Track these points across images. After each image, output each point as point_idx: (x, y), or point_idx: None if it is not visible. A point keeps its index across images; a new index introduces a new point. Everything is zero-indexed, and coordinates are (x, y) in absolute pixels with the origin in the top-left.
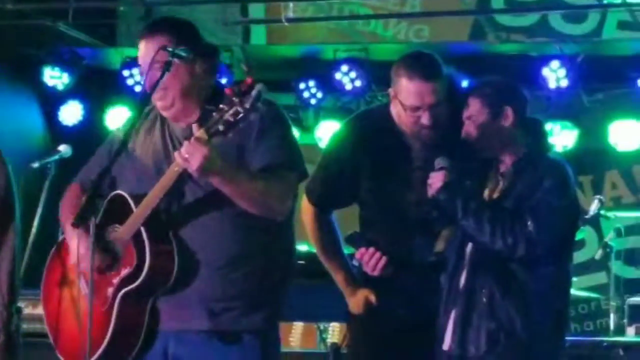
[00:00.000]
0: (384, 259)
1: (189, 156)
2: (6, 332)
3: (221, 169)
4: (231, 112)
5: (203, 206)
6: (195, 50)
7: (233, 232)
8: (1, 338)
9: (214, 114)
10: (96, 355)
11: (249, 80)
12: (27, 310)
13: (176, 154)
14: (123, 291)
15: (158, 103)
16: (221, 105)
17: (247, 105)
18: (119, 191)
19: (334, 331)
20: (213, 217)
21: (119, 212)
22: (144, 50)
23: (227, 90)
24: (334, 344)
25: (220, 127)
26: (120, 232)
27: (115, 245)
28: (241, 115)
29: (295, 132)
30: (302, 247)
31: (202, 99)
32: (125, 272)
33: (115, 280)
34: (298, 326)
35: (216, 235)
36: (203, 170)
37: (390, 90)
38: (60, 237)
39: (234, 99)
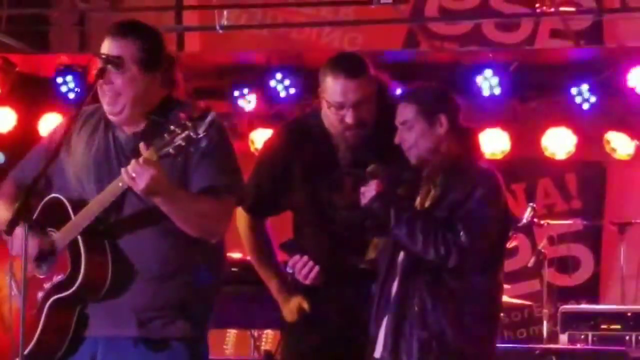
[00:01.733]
0: (316, 269)
1: (137, 176)
2: None
3: (165, 190)
4: (183, 136)
5: (140, 219)
6: (158, 61)
7: (167, 247)
8: None
9: (165, 134)
10: (21, 357)
11: (202, 105)
12: None
13: (123, 171)
14: (53, 298)
15: (107, 107)
16: (172, 127)
17: (200, 132)
18: (57, 195)
19: (268, 338)
20: (149, 230)
21: (55, 215)
22: (110, 48)
23: (181, 115)
24: (267, 351)
25: (171, 151)
26: (56, 238)
27: (52, 244)
28: (193, 140)
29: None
30: (235, 255)
31: (150, 109)
32: (57, 278)
33: (47, 285)
34: (232, 333)
35: (151, 248)
36: (148, 191)
37: (320, 91)
38: None
39: (187, 123)
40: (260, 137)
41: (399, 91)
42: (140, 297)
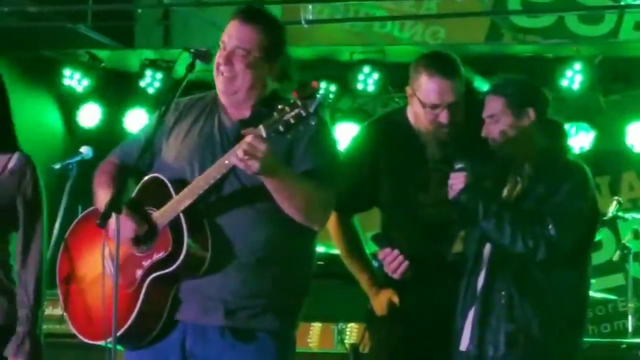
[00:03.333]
0: (405, 263)
1: (249, 156)
2: (32, 337)
3: (275, 168)
4: (293, 113)
5: (240, 201)
6: (279, 53)
7: (266, 232)
8: (27, 345)
9: (274, 113)
10: (117, 336)
11: (314, 83)
12: (47, 311)
13: (234, 152)
14: (154, 275)
15: (221, 87)
16: (281, 106)
17: (311, 110)
18: (157, 175)
19: (352, 331)
20: (248, 213)
21: (154, 195)
22: (238, 32)
23: (293, 92)
24: (353, 344)
25: (281, 128)
26: (156, 216)
27: (152, 223)
28: (303, 118)
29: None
30: (319, 248)
31: (259, 99)
32: (157, 256)
33: (146, 263)
34: (316, 326)
35: (249, 232)
36: (260, 169)
37: (408, 89)
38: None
39: (297, 101)
40: (342, 131)
41: (480, 84)
42: (231, 283)
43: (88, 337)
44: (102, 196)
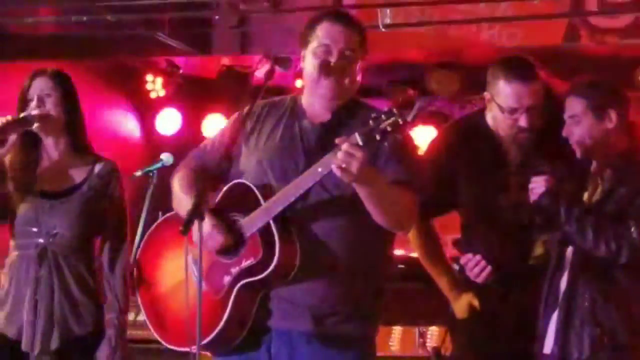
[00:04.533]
0: (488, 269)
1: (347, 165)
2: (122, 341)
3: (370, 176)
4: (390, 122)
5: (325, 209)
6: (366, 54)
7: (351, 240)
8: (118, 349)
9: (370, 121)
10: (204, 342)
11: (411, 92)
12: (130, 317)
13: (327, 160)
14: (243, 282)
15: (326, 90)
16: (374, 115)
17: (409, 118)
18: (242, 181)
19: (433, 335)
20: (333, 221)
21: (239, 201)
22: (336, 33)
23: (391, 102)
24: (435, 348)
25: (377, 136)
26: (243, 223)
27: (238, 230)
28: (400, 126)
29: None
30: (399, 252)
31: (342, 103)
32: (247, 263)
33: (234, 270)
34: (397, 330)
35: (335, 240)
36: (358, 178)
37: (486, 94)
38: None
39: (393, 109)
40: (419, 134)
41: (558, 87)
42: (318, 289)
43: (172, 343)
44: (183, 203)
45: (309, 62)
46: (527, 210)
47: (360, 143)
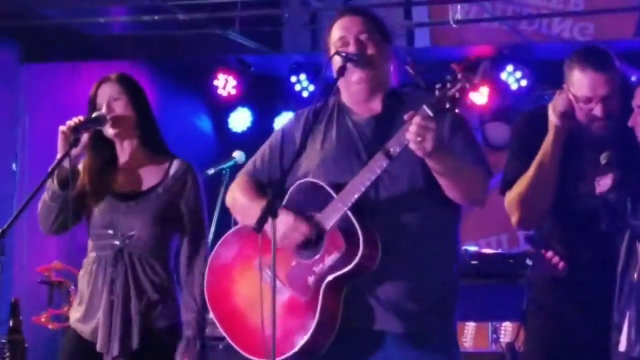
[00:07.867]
0: (561, 264)
1: (422, 138)
2: (201, 340)
3: (443, 147)
4: (457, 87)
5: (395, 199)
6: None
7: (426, 230)
8: (197, 347)
9: (436, 91)
10: (295, 350)
11: (474, 55)
12: None
13: (406, 137)
14: (330, 278)
15: (361, 74)
16: (439, 85)
17: (476, 79)
18: (310, 179)
19: (506, 330)
20: (404, 210)
21: (309, 199)
22: (348, 23)
23: (453, 66)
24: (509, 343)
25: (447, 105)
26: (320, 219)
27: (317, 224)
28: (468, 90)
29: None
30: (472, 248)
31: (387, 92)
32: (330, 258)
33: (317, 268)
34: (470, 326)
35: (409, 226)
36: (434, 149)
37: (564, 86)
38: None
39: (458, 74)
40: (492, 130)
41: (633, 79)
42: (399, 285)
43: (253, 354)
44: (251, 211)
45: (335, 60)
46: (600, 199)
47: (431, 114)
